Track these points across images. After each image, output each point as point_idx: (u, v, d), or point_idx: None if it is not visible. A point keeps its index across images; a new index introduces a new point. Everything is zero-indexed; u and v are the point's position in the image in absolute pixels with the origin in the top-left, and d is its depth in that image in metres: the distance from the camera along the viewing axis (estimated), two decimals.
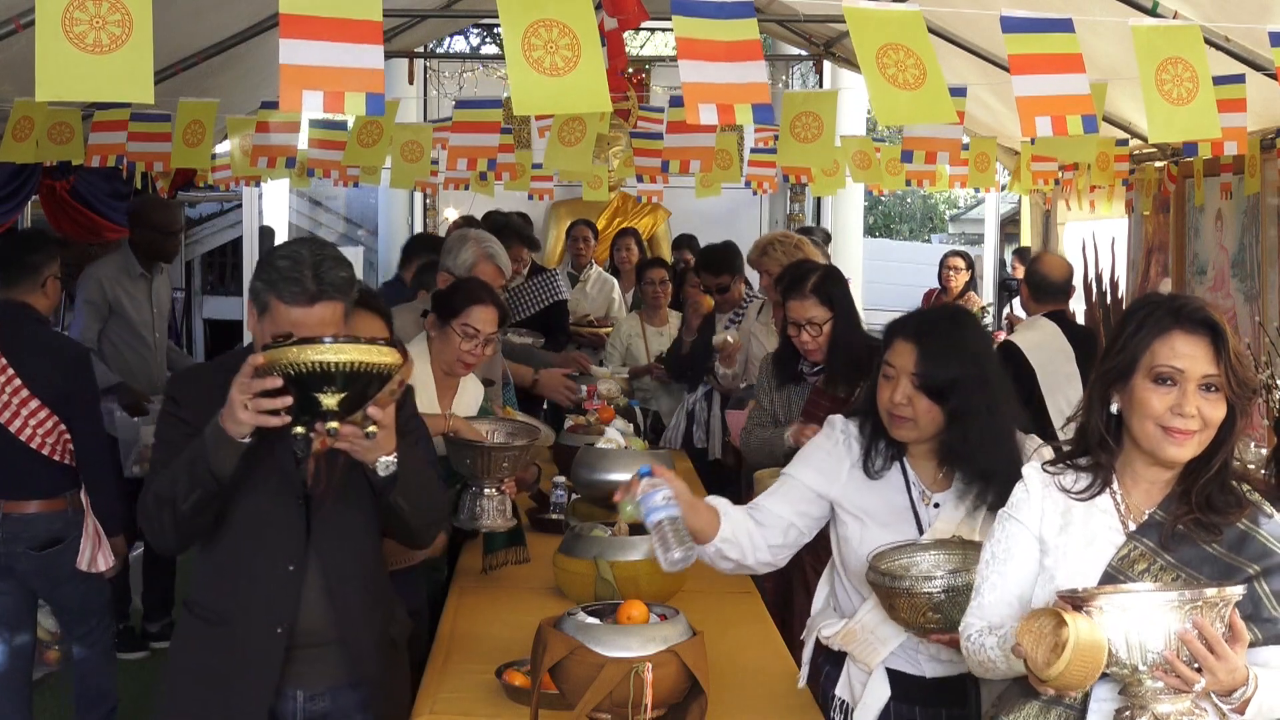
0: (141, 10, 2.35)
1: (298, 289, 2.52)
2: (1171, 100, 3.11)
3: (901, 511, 2.78)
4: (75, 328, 5.69)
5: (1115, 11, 3.92)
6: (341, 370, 2.30)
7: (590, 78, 2.59)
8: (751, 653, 3.23)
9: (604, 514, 4.11)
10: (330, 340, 2.32)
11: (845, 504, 2.83)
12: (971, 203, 21.41)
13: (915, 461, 2.80)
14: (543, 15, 2.58)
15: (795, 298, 4.06)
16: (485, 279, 4.30)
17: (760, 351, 5.60)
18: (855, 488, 2.81)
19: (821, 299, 4.01)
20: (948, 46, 5.78)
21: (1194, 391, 2.15)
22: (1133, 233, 7.18)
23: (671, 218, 10.46)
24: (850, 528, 2.82)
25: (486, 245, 4.59)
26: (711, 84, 2.75)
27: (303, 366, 2.30)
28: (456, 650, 3.19)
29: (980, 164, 6.51)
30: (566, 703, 2.61)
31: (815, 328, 4.01)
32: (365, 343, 2.34)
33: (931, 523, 2.76)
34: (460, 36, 12.77)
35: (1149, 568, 2.20)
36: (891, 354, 2.74)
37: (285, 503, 2.65)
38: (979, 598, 2.34)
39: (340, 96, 2.42)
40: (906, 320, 2.83)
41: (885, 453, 2.80)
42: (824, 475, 2.84)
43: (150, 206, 6.06)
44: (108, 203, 6.35)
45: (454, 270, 4.49)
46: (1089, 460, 2.30)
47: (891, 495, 2.80)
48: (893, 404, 2.71)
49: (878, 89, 2.90)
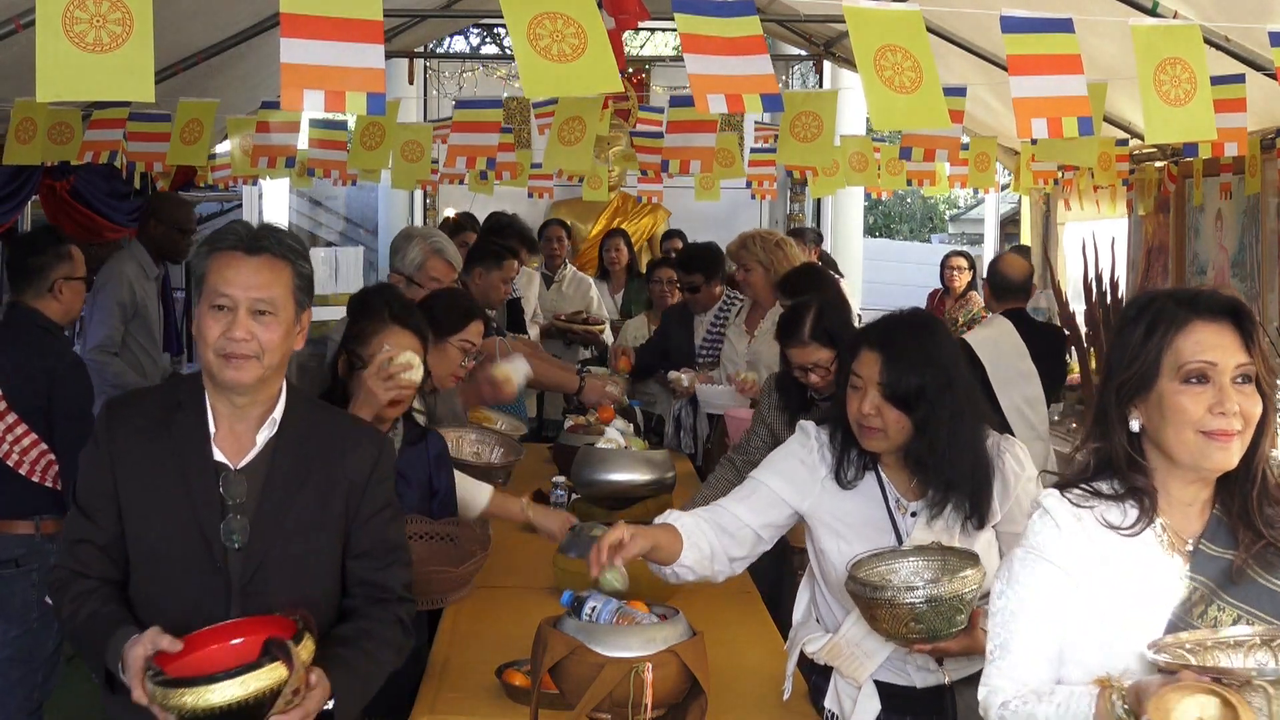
0: (142, 9, 2.35)
1: (235, 238, 2.33)
2: (1169, 101, 3.11)
3: (879, 522, 2.74)
4: (100, 329, 5.52)
5: (1115, 11, 3.92)
6: (227, 709, 2.10)
7: (599, 60, 2.59)
8: (751, 653, 3.23)
9: (604, 514, 4.11)
10: (205, 682, 2.09)
11: (820, 516, 2.78)
12: (971, 203, 21.42)
13: (889, 470, 2.76)
14: (545, 8, 2.58)
15: (794, 345, 3.78)
16: (436, 276, 4.22)
17: (733, 354, 5.60)
18: (830, 499, 2.76)
19: (822, 341, 3.72)
20: (948, 46, 5.78)
21: (1230, 386, 1.89)
22: (1133, 233, 7.19)
23: (671, 218, 10.46)
24: (827, 540, 2.78)
25: (433, 241, 4.46)
26: (719, 75, 2.75)
27: (185, 712, 2.10)
28: (456, 650, 3.19)
29: (980, 164, 6.51)
30: (566, 703, 2.61)
31: (822, 369, 3.73)
32: (242, 672, 2.10)
33: (910, 532, 2.71)
34: (460, 36, 12.77)
35: (1206, 609, 1.91)
36: (858, 364, 2.69)
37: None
38: (1006, 656, 1.98)
39: (341, 96, 2.42)
40: (871, 329, 2.78)
41: (858, 462, 2.74)
42: (796, 487, 2.78)
43: (170, 203, 6.00)
44: (108, 202, 6.33)
45: (403, 270, 4.36)
46: (1119, 486, 1.99)
47: (867, 505, 2.76)
48: (862, 415, 2.67)
49: (874, 92, 2.90)
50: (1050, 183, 7.20)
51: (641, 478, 4.21)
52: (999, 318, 5.75)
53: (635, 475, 4.21)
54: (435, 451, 3.27)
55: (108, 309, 5.51)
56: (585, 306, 7.74)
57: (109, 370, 5.42)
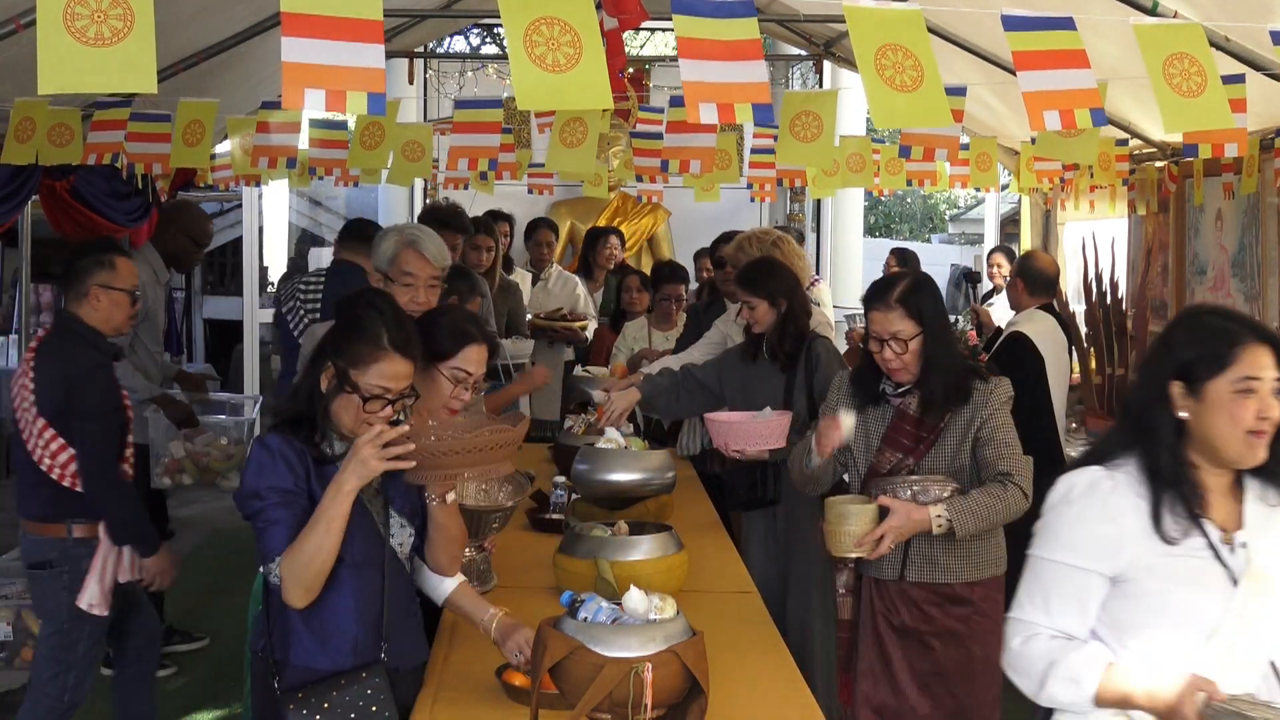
0: (143, 4, 2.35)
1: None
2: (1182, 93, 3.10)
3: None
4: None
5: (1115, 11, 3.92)
6: None
7: (592, 74, 2.59)
8: (751, 653, 3.23)
9: (604, 514, 4.11)
10: None
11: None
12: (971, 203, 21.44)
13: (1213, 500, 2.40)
14: (543, 13, 2.58)
15: (879, 308, 3.56)
16: (411, 270, 3.88)
17: None
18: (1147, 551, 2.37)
19: (910, 311, 3.53)
20: (948, 46, 5.78)
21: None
22: (1133, 233, 7.19)
23: (671, 218, 10.45)
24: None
25: (408, 233, 4.03)
26: (712, 83, 2.75)
27: None
28: (456, 650, 3.19)
29: (981, 164, 6.52)
30: (566, 703, 2.61)
31: (900, 344, 3.52)
32: None
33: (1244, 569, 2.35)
34: (460, 36, 12.78)
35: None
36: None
37: None
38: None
39: (342, 95, 2.42)
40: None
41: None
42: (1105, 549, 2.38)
43: (190, 214, 6.00)
44: (108, 203, 6.33)
45: (379, 266, 4.02)
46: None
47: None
48: None
49: (875, 91, 2.90)
50: (1054, 181, 7.20)
51: (641, 478, 4.21)
52: (1039, 312, 5.91)
53: (635, 475, 4.21)
54: None
55: None
56: (572, 305, 7.73)
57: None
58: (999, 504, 3.46)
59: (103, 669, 5.49)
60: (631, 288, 7.37)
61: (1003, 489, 3.48)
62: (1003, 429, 3.56)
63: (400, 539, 2.90)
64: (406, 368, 2.81)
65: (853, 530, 3.44)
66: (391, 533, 2.87)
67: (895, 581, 3.60)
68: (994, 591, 3.62)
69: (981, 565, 3.60)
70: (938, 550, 3.56)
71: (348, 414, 2.77)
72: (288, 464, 2.73)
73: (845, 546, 3.46)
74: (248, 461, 2.78)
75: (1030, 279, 6.00)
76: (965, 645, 3.57)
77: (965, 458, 3.56)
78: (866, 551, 3.44)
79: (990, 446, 3.54)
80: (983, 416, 3.55)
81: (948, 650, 3.57)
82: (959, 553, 3.57)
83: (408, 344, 2.82)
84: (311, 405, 2.80)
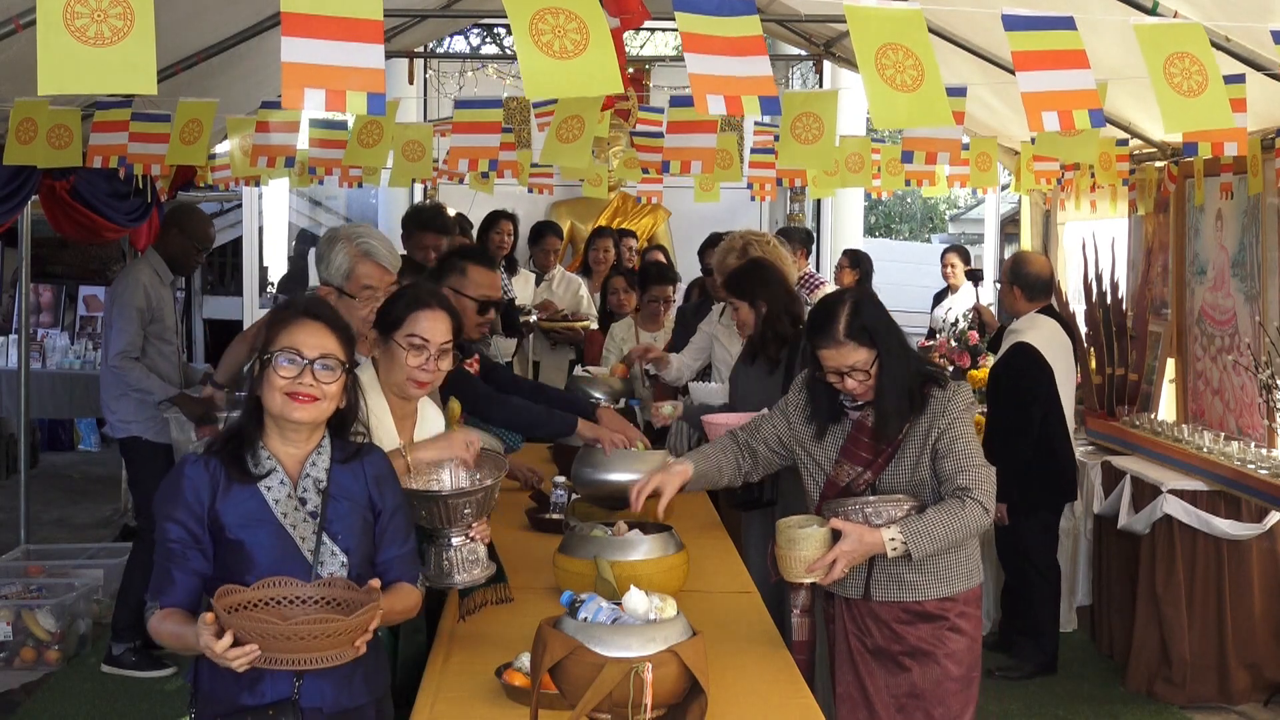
0: (143, 4, 2.35)
1: None
2: (1183, 93, 3.09)
3: None
4: (120, 336, 5.57)
5: (1115, 11, 3.92)
6: None
7: (601, 59, 2.57)
8: (751, 653, 3.23)
9: (604, 514, 4.11)
10: None
11: None
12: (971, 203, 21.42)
13: None
14: (548, 3, 2.57)
15: (828, 346, 3.37)
16: (370, 283, 3.65)
17: (724, 355, 5.57)
18: None
19: (861, 340, 3.34)
20: (948, 46, 5.78)
21: None
22: (1133, 233, 7.19)
23: (671, 218, 10.45)
24: None
25: (361, 242, 3.74)
26: (719, 76, 2.74)
27: None
28: (456, 650, 3.19)
29: (981, 164, 6.51)
30: (566, 703, 2.61)
31: (862, 373, 3.36)
32: None
33: None
34: (460, 36, 12.78)
35: None
36: None
37: None
38: None
39: (342, 95, 2.42)
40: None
41: None
42: None
43: (195, 218, 6.01)
44: (108, 202, 6.34)
45: (330, 280, 3.71)
46: None
47: None
48: None
49: (876, 91, 2.90)
50: (1052, 182, 7.20)
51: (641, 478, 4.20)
52: (1041, 317, 5.73)
53: (635, 475, 4.19)
54: (374, 472, 2.79)
55: (127, 316, 5.59)
56: (575, 306, 7.73)
57: (131, 375, 5.54)
58: (956, 522, 3.29)
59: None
60: (618, 288, 7.35)
61: (961, 505, 3.31)
62: (962, 439, 3.37)
63: (331, 567, 2.66)
64: (319, 333, 2.67)
65: (804, 555, 3.28)
66: (321, 559, 2.65)
67: (863, 600, 3.47)
68: (969, 605, 3.47)
69: (952, 579, 3.44)
70: (903, 568, 3.40)
71: (270, 392, 2.64)
72: (194, 490, 2.61)
73: (797, 572, 3.30)
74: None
75: (1027, 284, 5.75)
76: (940, 664, 3.44)
77: (925, 470, 3.40)
78: (819, 576, 3.28)
79: (949, 459, 3.36)
80: (940, 427, 3.37)
81: (923, 670, 3.44)
82: (927, 569, 3.41)
83: (318, 312, 2.72)
84: (249, 417, 2.70)
